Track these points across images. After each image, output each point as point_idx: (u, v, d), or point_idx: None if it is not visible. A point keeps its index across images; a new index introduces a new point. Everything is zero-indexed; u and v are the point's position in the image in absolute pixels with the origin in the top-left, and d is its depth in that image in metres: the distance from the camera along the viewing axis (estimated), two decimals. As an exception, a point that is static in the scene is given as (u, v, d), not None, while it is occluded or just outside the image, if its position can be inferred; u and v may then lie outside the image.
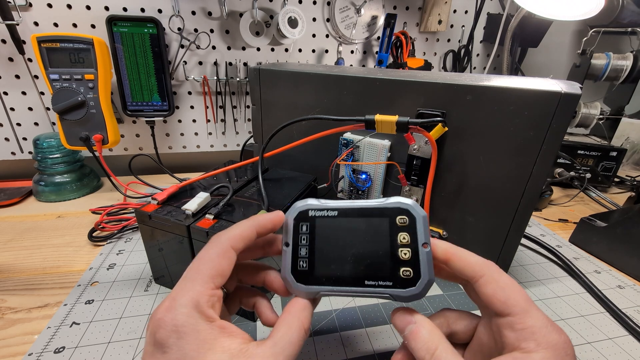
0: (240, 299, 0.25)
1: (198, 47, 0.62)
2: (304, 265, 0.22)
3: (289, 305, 0.22)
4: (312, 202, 0.23)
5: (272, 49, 0.66)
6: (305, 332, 0.20)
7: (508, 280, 0.20)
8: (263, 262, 0.27)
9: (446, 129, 0.32)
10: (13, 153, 0.64)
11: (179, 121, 0.68)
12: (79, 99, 0.51)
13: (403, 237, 0.22)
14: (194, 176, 0.40)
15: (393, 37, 0.67)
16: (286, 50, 0.67)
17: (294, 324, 0.20)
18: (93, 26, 0.57)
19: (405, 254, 0.21)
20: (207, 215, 0.32)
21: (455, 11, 0.72)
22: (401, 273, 0.21)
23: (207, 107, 0.67)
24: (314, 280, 0.22)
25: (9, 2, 0.52)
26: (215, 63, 0.64)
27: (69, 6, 0.55)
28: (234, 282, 0.25)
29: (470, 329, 0.23)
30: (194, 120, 0.69)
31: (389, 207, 0.22)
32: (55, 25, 0.56)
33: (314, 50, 0.69)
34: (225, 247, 0.21)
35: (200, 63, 0.64)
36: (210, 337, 0.18)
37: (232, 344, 0.18)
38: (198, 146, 0.71)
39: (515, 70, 0.79)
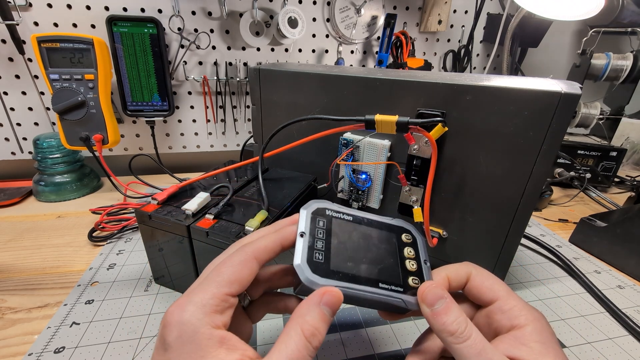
0: (268, 305, 0.25)
1: (198, 47, 0.62)
2: (320, 257, 0.22)
3: (293, 312, 0.20)
4: (328, 203, 0.25)
5: (272, 49, 0.66)
6: (308, 339, 0.18)
7: (488, 272, 0.24)
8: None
9: (446, 129, 0.32)
10: (13, 153, 0.64)
11: (179, 121, 0.68)
12: (79, 99, 0.51)
13: (409, 250, 0.24)
14: (194, 176, 0.40)
15: (393, 37, 0.67)
16: (286, 50, 0.67)
17: (292, 332, 0.18)
18: (93, 26, 0.57)
19: (412, 265, 0.24)
20: (207, 215, 0.32)
21: (455, 11, 0.72)
22: (410, 281, 0.23)
23: (207, 107, 0.67)
24: (330, 274, 0.21)
25: (9, 2, 0.52)
26: (215, 63, 0.64)
27: (69, 6, 0.55)
28: (260, 290, 0.25)
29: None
30: (194, 120, 0.69)
31: (395, 225, 0.26)
32: (55, 25, 0.56)
33: (314, 50, 0.69)
34: (249, 257, 0.21)
35: (200, 63, 0.64)
36: (208, 344, 0.17)
37: (227, 357, 0.17)
38: (198, 146, 0.71)
39: (515, 70, 0.79)
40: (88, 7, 0.56)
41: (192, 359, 0.17)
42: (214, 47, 0.63)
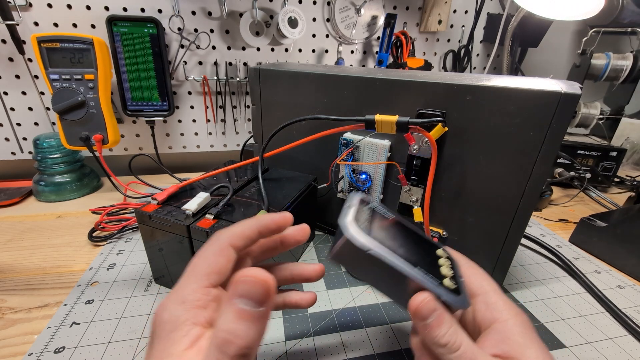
0: None
1: (198, 47, 0.62)
2: (364, 227, 0.21)
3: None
4: (373, 200, 0.25)
5: (272, 49, 0.66)
6: (219, 348, 0.15)
7: (477, 266, 0.24)
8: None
9: (446, 129, 0.32)
10: (13, 153, 0.64)
11: (179, 121, 0.68)
12: (79, 99, 0.51)
13: (447, 261, 0.23)
14: (194, 176, 0.40)
15: (393, 37, 0.67)
16: (286, 50, 0.67)
17: (209, 345, 0.16)
18: (93, 26, 0.57)
19: (449, 271, 0.22)
20: (207, 215, 0.32)
21: (455, 11, 0.72)
22: (445, 282, 0.21)
23: (207, 107, 0.67)
24: (372, 239, 0.20)
25: (9, 2, 0.52)
26: (215, 63, 0.64)
27: (69, 6, 0.55)
28: None
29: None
30: (194, 120, 0.69)
31: (431, 241, 0.25)
32: (55, 25, 0.56)
33: (314, 50, 0.69)
34: (223, 245, 0.21)
35: (200, 63, 0.64)
36: (180, 342, 0.17)
37: (196, 357, 0.16)
38: (198, 146, 0.71)
39: (515, 70, 0.79)
40: (88, 7, 0.56)
41: (160, 357, 0.16)
42: (214, 47, 0.63)
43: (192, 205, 0.32)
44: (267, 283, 0.16)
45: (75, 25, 0.57)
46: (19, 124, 0.62)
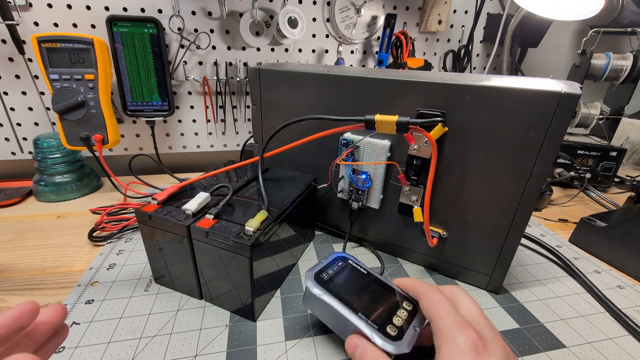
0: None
1: (198, 47, 0.62)
2: (325, 277, 0.29)
3: None
4: (352, 258, 0.33)
5: (272, 49, 0.66)
6: None
7: (435, 295, 0.26)
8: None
9: (446, 129, 0.32)
10: (13, 153, 0.64)
11: (179, 121, 0.68)
12: (79, 99, 0.51)
13: (403, 312, 0.27)
14: (194, 176, 0.40)
15: (393, 37, 0.68)
16: (286, 50, 0.67)
17: None
18: (93, 26, 0.57)
19: (399, 321, 0.26)
20: (207, 215, 0.32)
21: (455, 11, 0.72)
22: (388, 328, 0.25)
23: (207, 107, 0.67)
24: (324, 288, 0.28)
25: (9, 2, 0.52)
26: (215, 63, 0.64)
27: (69, 6, 0.55)
28: None
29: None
30: (194, 120, 0.69)
31: (405, 295, 0.29)
32: (55, 25, 0.56)
33: (314, 50, 0.69)
34: None
35: (200, 63, 0.64)
36: None
37: None
38: (198, 146, 0.71)
39: (515, 70, 0.79)
40: (88, 7, 0.56)
41: None
42: (214, 47, 0.63)
43: (192, 205, 0.32)
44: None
45: (75, 25, 0.57)
46: (19, 124, 0.62)
